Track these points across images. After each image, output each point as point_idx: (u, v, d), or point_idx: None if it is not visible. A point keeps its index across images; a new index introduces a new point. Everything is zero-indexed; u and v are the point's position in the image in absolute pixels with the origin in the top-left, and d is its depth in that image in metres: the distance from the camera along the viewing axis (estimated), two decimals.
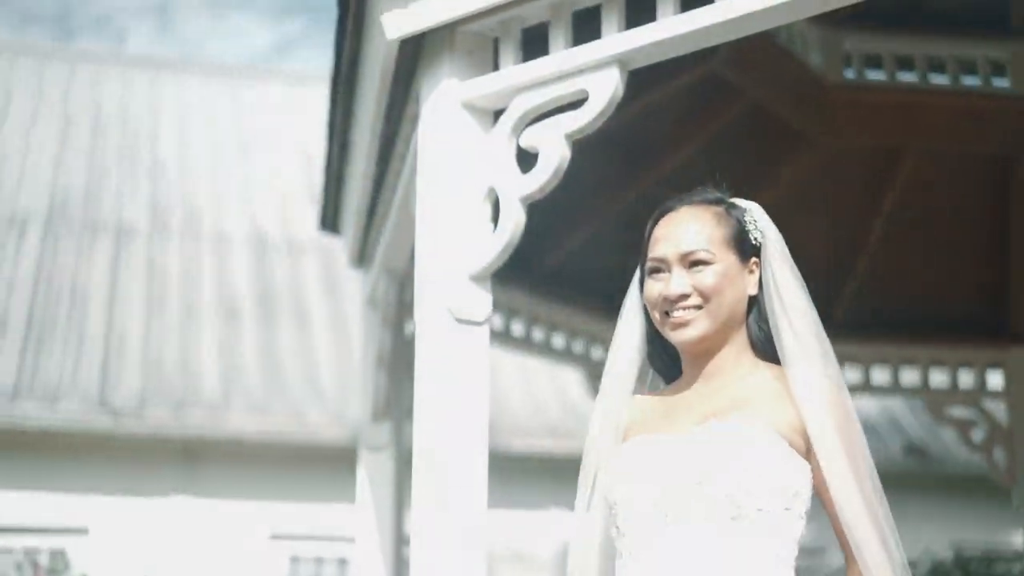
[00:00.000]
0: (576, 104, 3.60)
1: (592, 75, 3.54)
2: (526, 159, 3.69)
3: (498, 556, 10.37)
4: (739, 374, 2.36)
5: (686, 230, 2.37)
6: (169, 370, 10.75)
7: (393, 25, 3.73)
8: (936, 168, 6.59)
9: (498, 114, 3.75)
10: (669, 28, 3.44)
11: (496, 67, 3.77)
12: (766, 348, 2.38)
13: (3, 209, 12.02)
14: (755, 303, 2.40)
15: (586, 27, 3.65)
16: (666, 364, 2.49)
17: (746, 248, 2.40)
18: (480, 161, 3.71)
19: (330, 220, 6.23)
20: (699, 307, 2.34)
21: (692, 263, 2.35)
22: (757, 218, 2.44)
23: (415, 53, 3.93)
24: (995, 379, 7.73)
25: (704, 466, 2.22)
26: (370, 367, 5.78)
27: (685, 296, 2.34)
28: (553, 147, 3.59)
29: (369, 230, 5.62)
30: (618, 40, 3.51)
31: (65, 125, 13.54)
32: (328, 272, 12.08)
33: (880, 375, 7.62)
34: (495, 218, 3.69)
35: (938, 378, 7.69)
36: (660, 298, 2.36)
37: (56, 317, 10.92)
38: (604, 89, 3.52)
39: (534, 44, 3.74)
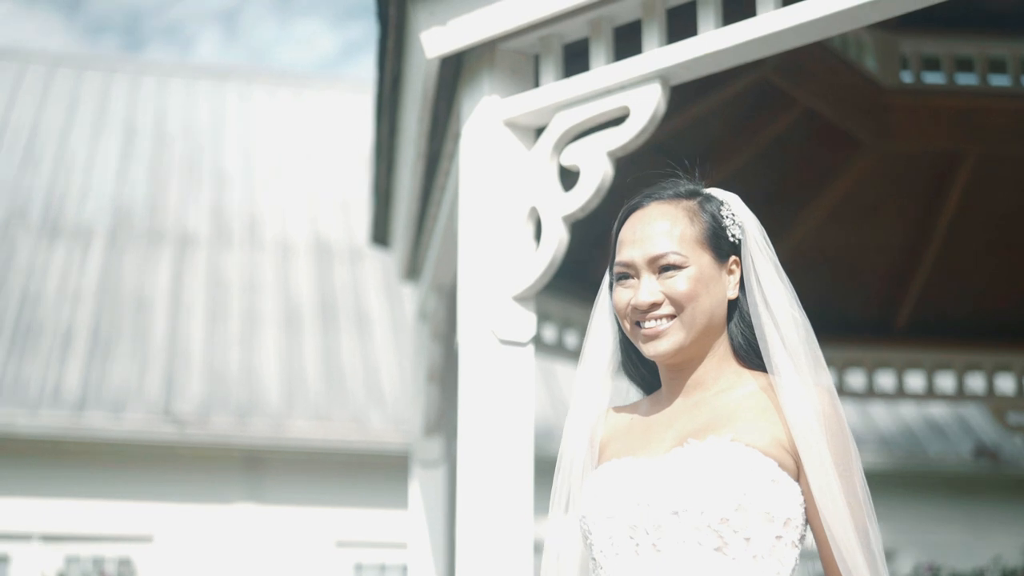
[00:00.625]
0: (618, 120, 3.56)
1: (633, 91, 3.50)
2: (569, 176, 3.65)
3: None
4: (721, 386, 2.15)
5: (654, 230, 2.13)
6: (232, 378, 10.82)
7: (432, 44, 3.71)
8: (997, 171, 6.46)
9: (539, 132, 3.72)
10: (711, 42, 3.39)
11: (537, 84, 3.74)
12: (750, 356, 2.17)
13: (68, 220, 12.16)
14: (736, 307, 2.18)
15: (627, 42, 3.60)
16: (643, 375, 2.29)
17: (723, 246, 2.16)
18: (522, 180, 3.68)
19: (380, 234, 6.23)
20: (672, 316, 2.12)
21: (662, 268, 2.13)
22: (736, 212, 2.20)
23: (456, 70, 3.90)
24: None
25: (681, 494, 2.01)
26: (421, 382, 5.76)
27: (656, 305, 2.12)
28: (595, 165, 3.55)
29: (418, 245, 5.61)
30: (659, 55, 3.47)
31: (129, 136, 13.68)
32: (389, 278, 12.10)
33: (944, 381, 7.50)
34: (538, 237, 3.66)
35: (1004, 384, 7.55)
36: (629, 307, 2.14)
37: (121, 327, 11.03)
38: (646, 105, 3.48)
39: (575, 60, 3.71)
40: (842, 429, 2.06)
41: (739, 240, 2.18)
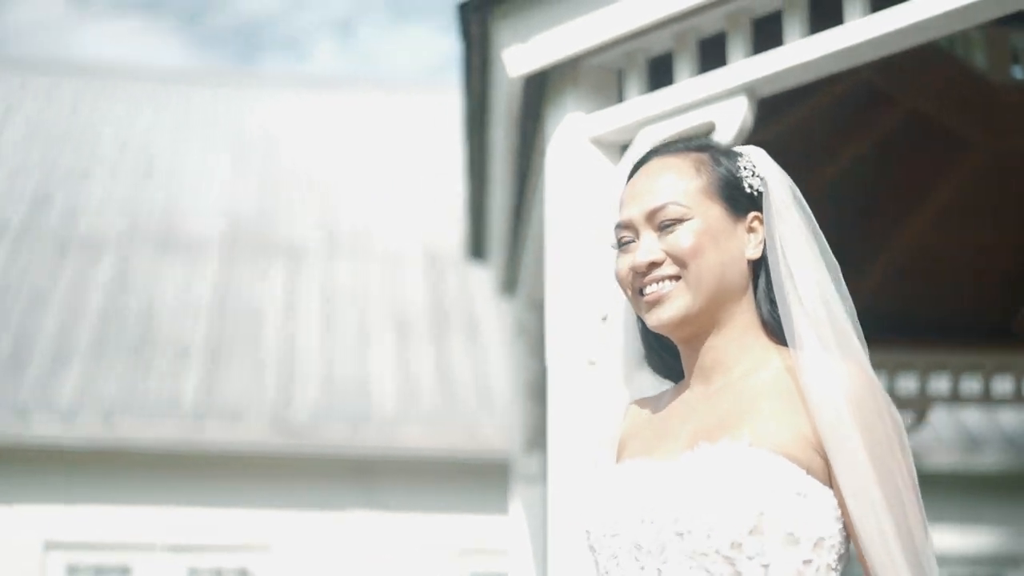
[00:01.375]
0: (705, 135, 3.49)
1: (719, 105, 3.43)
2: None
3: None
4: (745, 367, 1.80)
5: (655, 184, 1.83)
6: (345, 387, 10.91)
7: (514, 63, 3.67)
8: None
9: (625, 148, 3.66)
10: (798, 53, 3.31)
11: (621, 99, 3.68)
12: (780, 329, 1.81)
13: (183, 234, 12.36)
14: (761, 269, 1.83)
15: (712, 56, 3.53)
16: (665, 361, 1.96)
17: (739, 199, 1.83)
18: (608, 197, 3.62)
19: (476, 248, 6.22)
20: (676, 277, 1.79)
21: (662, 224, 1.81)
22: (756, 162, 1.87)
23: (540, 87, 3.86)
24: None
25: (685, 512, 1.69)
26: (519, 397, 5.73)
27: (656, 264, 1.80)
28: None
29: (512, 259, 5.58)
30: (745, 67, 3.39)
31: (240, 149, 13.88)
32: None
33: None
34: None
35: None
36: (629, 273, 1.84)
37: (235, 339, 11.18)
38: (732, 120, 3.40)
39: (661, 73, 3.64)
40: (881, 418, 1.70)
41: (760, 193, 1.84)
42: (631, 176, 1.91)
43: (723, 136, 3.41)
